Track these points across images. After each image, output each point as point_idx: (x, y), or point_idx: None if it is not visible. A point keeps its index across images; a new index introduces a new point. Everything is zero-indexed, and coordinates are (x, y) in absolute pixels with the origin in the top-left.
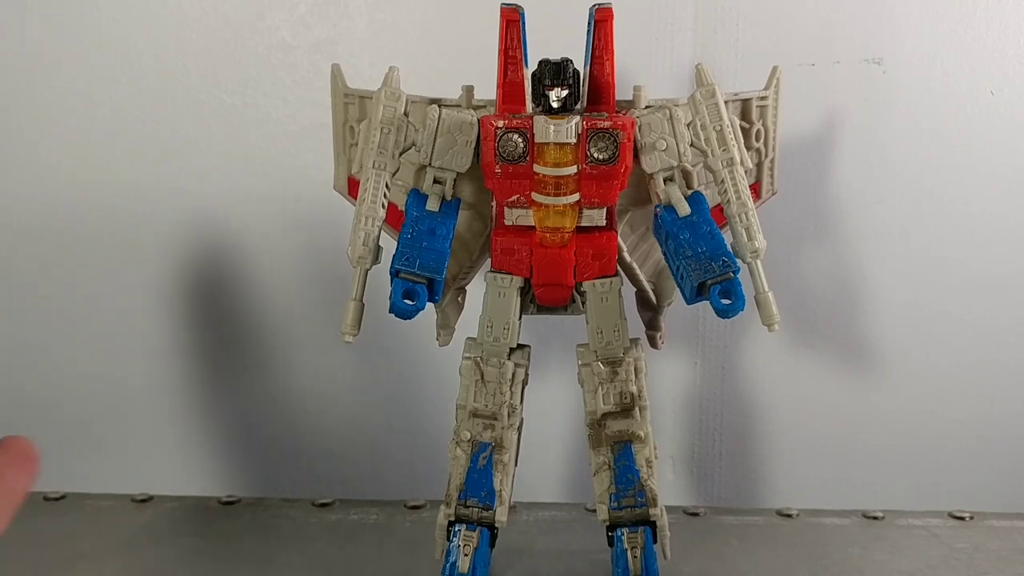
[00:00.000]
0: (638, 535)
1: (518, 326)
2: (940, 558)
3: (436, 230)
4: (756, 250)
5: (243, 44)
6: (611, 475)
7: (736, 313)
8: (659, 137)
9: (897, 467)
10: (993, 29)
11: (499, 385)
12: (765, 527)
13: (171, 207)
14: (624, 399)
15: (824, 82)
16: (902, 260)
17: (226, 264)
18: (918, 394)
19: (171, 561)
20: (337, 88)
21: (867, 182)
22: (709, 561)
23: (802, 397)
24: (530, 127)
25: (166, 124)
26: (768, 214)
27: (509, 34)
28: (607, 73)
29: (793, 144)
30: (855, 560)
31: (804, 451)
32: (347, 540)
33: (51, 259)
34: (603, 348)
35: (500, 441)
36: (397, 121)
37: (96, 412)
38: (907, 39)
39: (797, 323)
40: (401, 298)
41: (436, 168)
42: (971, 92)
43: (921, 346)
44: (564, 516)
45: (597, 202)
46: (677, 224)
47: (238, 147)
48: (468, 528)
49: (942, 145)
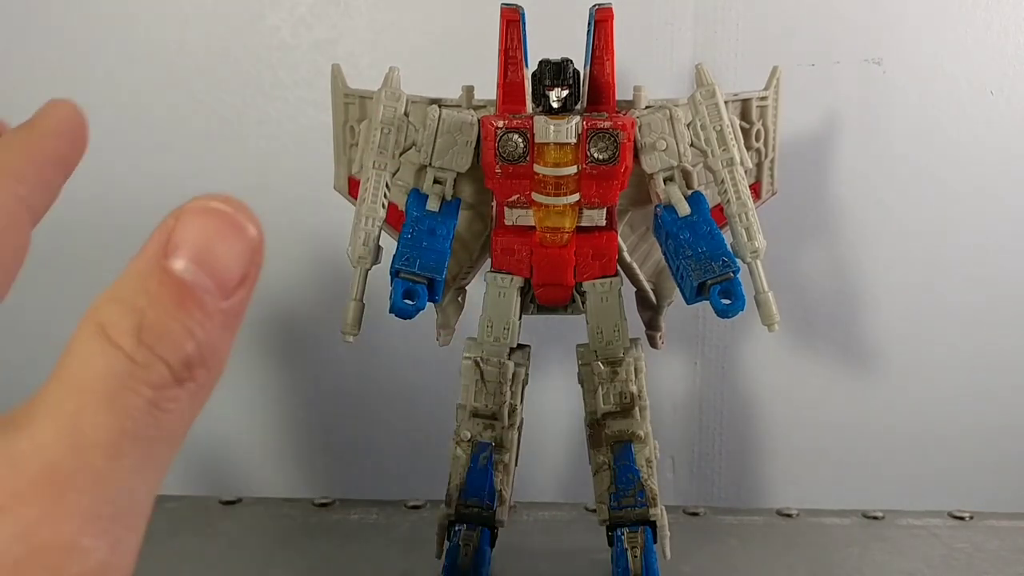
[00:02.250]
0: (638, 535)
1: (518, 326)
2: (940, 558)
3: (436, 230)
4: (756, 250)
5: (243, 44)
6: (611, 475)
7: (736, 313)
8: (659, 137)
9: (897, 467)
10: (993, 29)
11: (499, 385)
12: (765, 527)
13: (171, 207)
14: (624, 399)
15: (824, 82)
16: (902, 260)
17: None
18: (918, 394)
19: (171, 561)
20: (337, 88)
21: (867, 182)
22: (709, 561)
23: (802, 397)
24: (530, 127)
25: (166, 124)
26: (768, 214)
27: (509, 34)
28: (607, 73)
29: (793, 144)
30: (855, 560)
31: (804, 451)
32: (347, 540)
33: (50, 259)
34: (603, 348)
35: (500, 441)
36: (397, 121)
37: None
38: (907, 39)
39: (797, 323)
40: (401, 298)
41: (436, 168)
42: (971, 92)
43: (921, 346)
44: (564, 516)
45: (597, 202)
46: (677, 224)
47: (238, 147)
48: (468, 528)
49: (942, 145)
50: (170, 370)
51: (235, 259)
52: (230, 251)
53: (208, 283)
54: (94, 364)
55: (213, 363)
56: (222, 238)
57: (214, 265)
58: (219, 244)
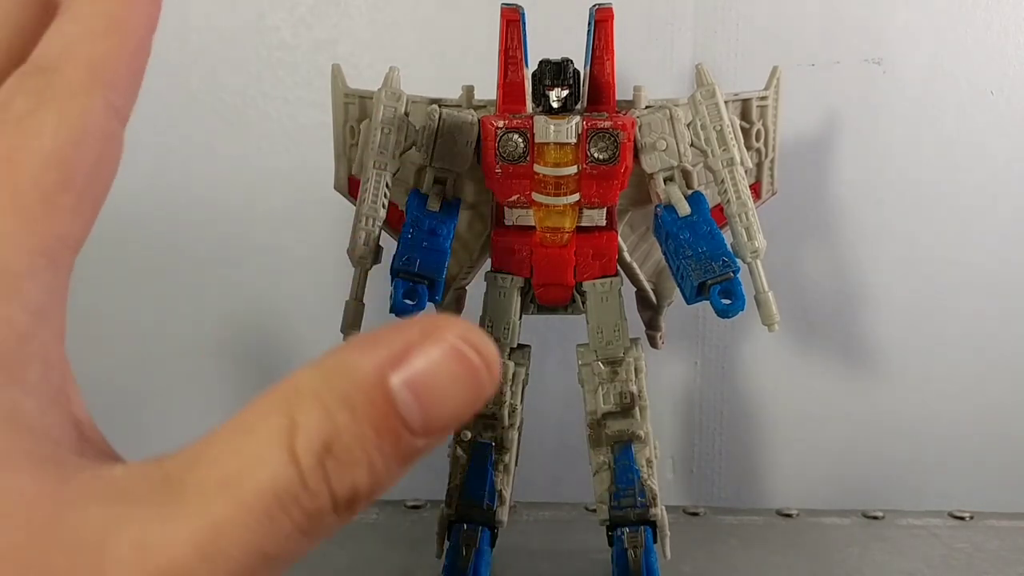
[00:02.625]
0: (638, 535)
1: (518, 326)
2: (940, 558)
3: (436, 230)
4: (756, 250)
5: (243, 44)
6: (611, 475)
7: (736, 313)
8: (659, 137)
9: (897, 467)
10: (993, 29)
11: (499, 385)
12: (765, 527)
13: (170, 207)
14: (624, 399)
15: (824, 82)
16: (902, 260)
17: (225, 264)
18: (918, 394)
19: None
20: (337, 88)
21: (867, 182)
22: (709, 561)
23: (802, 397)
24: (530, 127)
25: (165, 124)
26: (768, 214)
27: (509, 34)
28: (607, 73)
29: (793, 144)
30: (855, 560)
31: (804, 451)
32: (347, 540)
33: None
34: (603, 348)
35: (500, 441)
36: (397, 121)
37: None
38: (907, 39)
39: (797, 323)
40: (402, 298)
41: (436, 168)
42: (971, 92)
43: (921, 346)
44: (564, 516)
45: (597, 202)
46: (677, 224)
47: (238, 147)
48: (468, 528)
49: (942, 145)
50: (333, 501)
51: (453, 407)
52: (454, 398)
53: (416, 418)
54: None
55: (370, 500)
56: (454, 381)
57: (431, 402)
58: (449, 385)
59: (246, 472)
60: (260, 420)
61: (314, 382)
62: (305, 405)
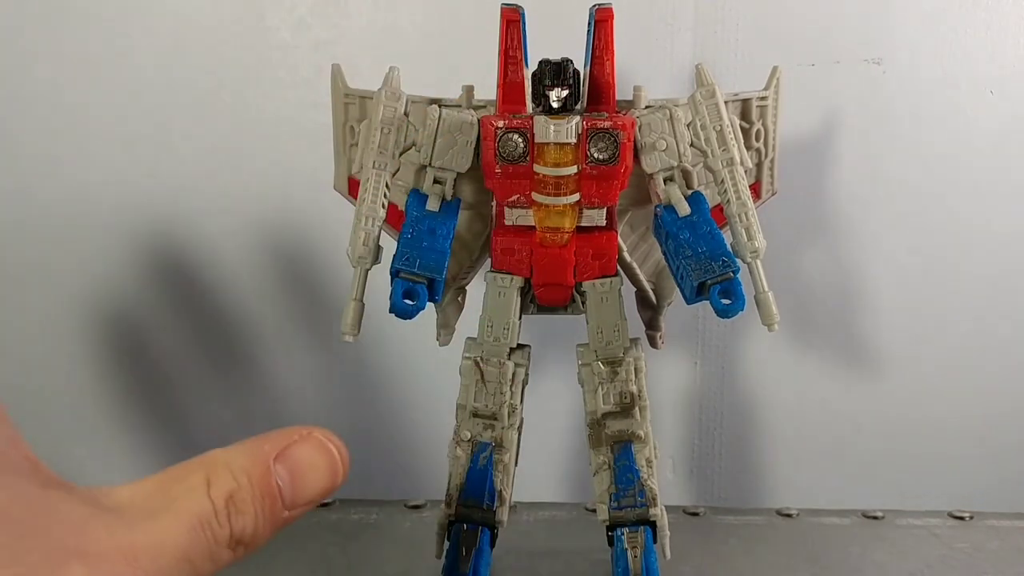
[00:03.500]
0: (638, 535)
1: (518, 326)
2: (940, 558)
3: (436, 230)
4: (756, 250)
5: (243, 44)
6: (611, 475)
7: (736, 313)
8: (659, 137)
9: (897, 467)
10: (993, 29)
11: (499, 385)
12: (765, 527)
13: (170, 207)
14: (624, 399)
15: (824, 82)
16: (902, 260)
17: (225, 263)
18: (918, 394)
19: None
20: (337, 88)
21: (867, 182)
22: (709, 561)
23: (802, 397)
24: (530, 127)
25: (165, 124)
26: (768, 214)
27: (509, 34)
28: (607, 73)
29: (793, 144)
30: (855, 560)
31: (804, 451)
32: (347, 540)
33: (49, 259)
34: (603, 348)
35: (500, 441)
36: (397, 121)
37: (92, 414)
38: (907, 39)
39: (797, 323)
40: (401, 298)
41: (436, 168)
42: (971, 92)
43: (921, 346)
44: (564, 516)
45: (597, 202)
46: (677, 224)
47: (238, 147)
48: (468, 528)
49: (942, 145)
50: (230, 538)
51: (316, 490)
52: (317, 484)
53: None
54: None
55: (252, 547)
56: (316, 472)
57: (301, 486)
58: (313, 475)
59: (179, 501)
60: (187, 474)
61: (226, 457)
62: (219, 470)
